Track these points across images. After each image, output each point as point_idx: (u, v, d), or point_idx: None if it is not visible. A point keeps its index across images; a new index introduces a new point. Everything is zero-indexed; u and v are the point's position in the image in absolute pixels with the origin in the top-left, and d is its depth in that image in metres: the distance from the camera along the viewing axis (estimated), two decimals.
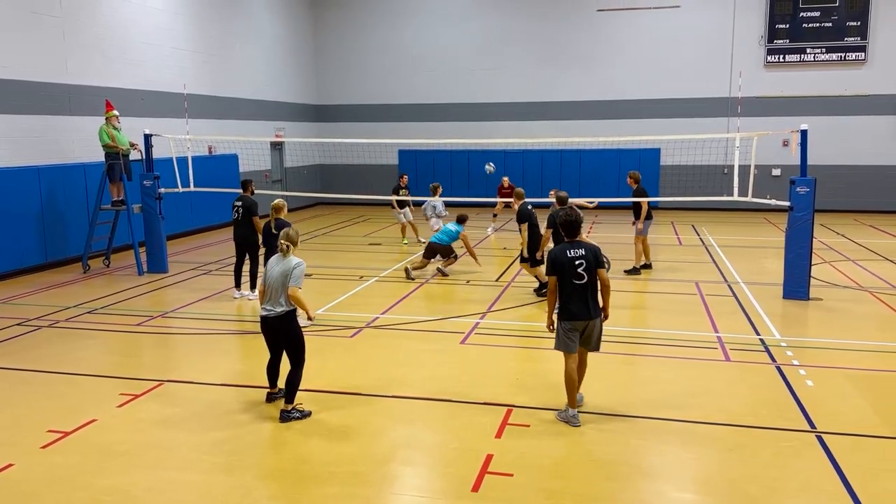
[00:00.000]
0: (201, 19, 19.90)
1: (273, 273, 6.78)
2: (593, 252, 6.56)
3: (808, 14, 22.59)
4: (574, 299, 6.48)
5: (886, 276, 13.01)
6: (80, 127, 15.29)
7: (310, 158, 26.14)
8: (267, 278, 6.83)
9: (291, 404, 6.81)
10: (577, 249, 6.53)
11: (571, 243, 6.60)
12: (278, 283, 6.71)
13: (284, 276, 6.69)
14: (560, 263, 6.49)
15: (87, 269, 14.02)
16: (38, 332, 9.91)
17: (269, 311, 6.77)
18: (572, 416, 6.62)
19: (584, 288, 6.47)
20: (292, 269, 6.72)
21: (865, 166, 22.74)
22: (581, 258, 6.47)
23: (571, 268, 6.46)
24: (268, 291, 6.81)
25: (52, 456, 6.09)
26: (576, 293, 6.48)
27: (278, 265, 6.80)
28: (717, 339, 9.34)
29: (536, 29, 24.67)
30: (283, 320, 6.76)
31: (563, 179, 24.09)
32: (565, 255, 6.50)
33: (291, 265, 6.75)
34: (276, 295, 6.73)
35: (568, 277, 6.47)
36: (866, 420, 6.71)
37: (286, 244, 6.88)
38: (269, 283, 6.79)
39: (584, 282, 6.46)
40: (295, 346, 6.85)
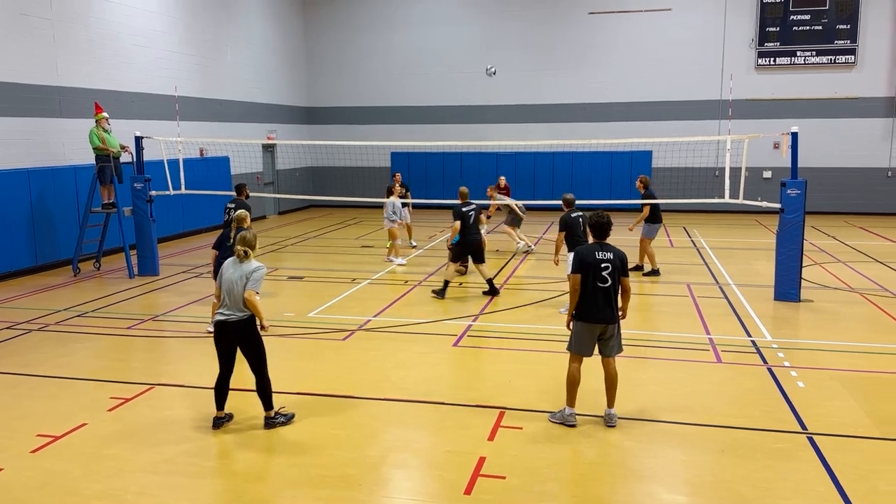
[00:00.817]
0: (192, 22, 19.85)
1: (231, 277, 6.48)
2: (621, 258, 6.55)
3: (798, 17, 22.72)
4: (595, 301, 6.44)
5: (877, 278, 13.08)
6: (71, 129, 15.22)
7: (301, 161, 26.10)
8: (223, 283, 6.53)
9: (273, 409, 6.68)
10: (607, 252, 6.50)
11: (601, 245, 6.57)
12: (236, 287, 6.44)
13: (243, 279, 6.43)
14: (587, 264, 6.45)
15: (77, 272, 13.95)
16: (27, 335, 9.85)
17: (227, 315, 6.47)
18: (569, 415, 6.59)
19: (606, 291, 6.44)
20: (251, 273, 6.45)
21: (856, 168, 22.87)
22: (608, 262, 6.45)
23: (597, 269, 6.43)
24: (224, 296, 6.52)
25: (42, 460, 6.05)
26: (598, 295, 6.44)
27: (235, 269, 6.51)
28: (709, 340, 9.37)
29: (528, 31, 24.72)
30: (243, 326, 6.48)
31: (555, 182, 24.15)
32: (594, 256, 6.47)
33: (251, 268, 6.48)
34: (235, 300, 6.45)
35: (592, 279, 6.42)
36: (857, 421, 6.74)
37: (243, 249, 6.55)
38: (226, 288, 6.49)
39: (608, 285, 6.43)
40: (256, 354, 6.58)
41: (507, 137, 23.55)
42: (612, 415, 6.64)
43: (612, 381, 6.66)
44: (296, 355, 8.94)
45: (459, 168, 24.82)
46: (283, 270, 14.39)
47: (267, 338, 9.41)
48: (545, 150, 24.19)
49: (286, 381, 7.89)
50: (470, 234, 11.70)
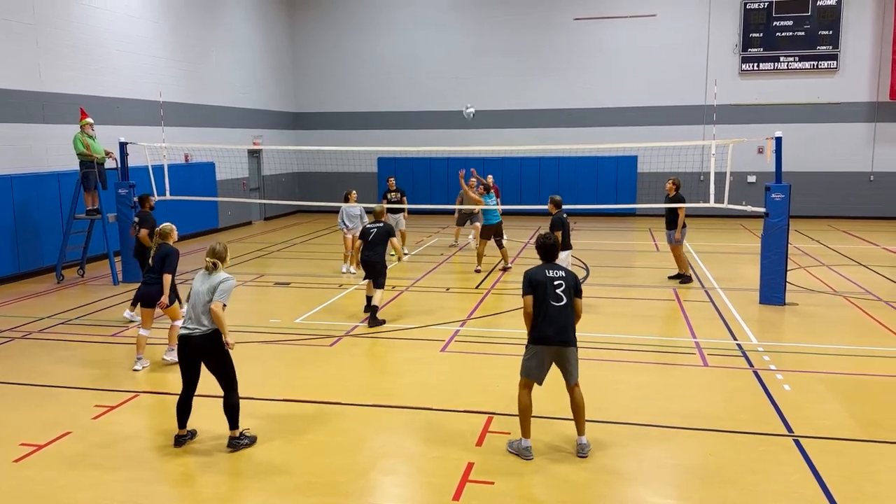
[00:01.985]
0: (178, 27, 19.77)
1: (199, 289, 6.28)
2: (574, 277, 6.26)
3: (781, 23, 22.95)
4: (551, 322, 6.03)
5: (860, 281, 13.19)
6: (54, 135, 15.09)
7: (288, 166, 26.02)
8: (191, 295, 6.31)
9: (238, 429, 6.32)
10: (557, 271, 6.20)
11: (550, 265, 6.26)
12: (204, 300, 6.20)
13: (209, 292, 6.20)
14: (538, 283, 6.09)
15: (61, 279, 13.82)
16: (10, 343, 9.74)
17: (191, 329, 6.18)
18: (525, 448, 6.08)
19: (562, 310, 6.07)
20: (218, 284, 6.23)
21: (838, 172, 23.10)
22: (561, 279, 6.12)
23: (551, 287, 6.07)
24: (188, 309, 6.28)
25: (25, 470, 5.98)
26: (554, 315, 6.05)
27: (204, 282, 6.30)
28: (695, 344, 9.41)
29: (514, 37, 24.80)
30: (208, 340, 6.17)
31: (541, 187, 24.20)
32: (544, 275, 6.13)
33: (218, 279, 6.26)
34: (198, 313, 6.20)
35: (546, 298, 6.05)
36: (842, 424, 6.78)
37: (212, 261, 6.35)
38: (191, 301, 6.26)
39: (563, 304, 6.06)
40: (224, 369, 6.28)
41: (493, 143, 23.59)
42: (583, 445, 6.15)
43: (578, 408, 6.19)
44: (282, 362, 8.90)
45: (446, 173, 24.82)
46: (270, 276, 14.33)
47: (253, 344, 9.41)
48: (531, 155, 24.26)
49: (273, 387, 7.85)
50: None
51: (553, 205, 11.39)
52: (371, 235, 10.61)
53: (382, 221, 10.88)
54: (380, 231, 10.61)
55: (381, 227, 10.67)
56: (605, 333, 9.97)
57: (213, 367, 6.29)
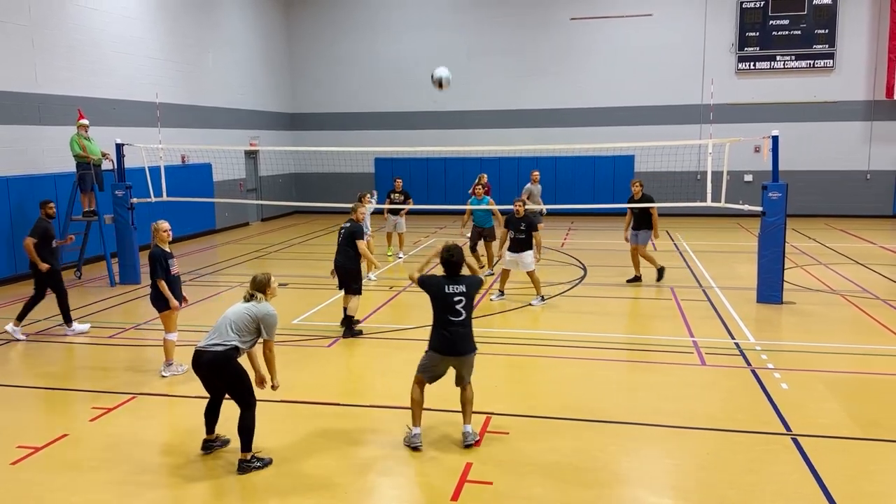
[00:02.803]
0: (174, 28, 19.74)
1: (235, 308, 6.01)
2: (473, 286, 6.29)
3: (777, 22, 22.97)
4: (449, 334, 6.16)
5: (857, 280, 13.21)
6: (51, 137, 15.06)
7: (285, 167, 26.00)
8: (225, 314, 6.04)
9: (250, 452, 5.94)
10: (457, 286, 6.20)
11: (453, 279, 6.26)
12: (236, 317, 5.93)
13: (249, 315, 5.93)
14: (437, 298, 6.21)
15: None
16: (7, 345, 9.71)
17: (203, 345, 5.89)
18: (413, 437, 6.24)
19: (460, 325, 6.17)
20: (264, 316, 5.93)
21: (835, 171, 23.13)
22: (461, 295, 6.16)
23: (451, 302, 6.15)
24: (215, 325, 5.99)
25: (22, 472, 5.96)
26: (451, 328, 6.16)
27: (243, 304, 6.05)
28: (693, 343, 9.41)
29: (511, 37, 24.80)
30: (219, 358, 5.82)
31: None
32: (443, 291, 6.19)
33: (265, 310, 5.97)
34: (227, 331, 5.88)
35: (445, 313, 6.16)
36: (841, 422, 6.78)
37: (251, 293, 6.06)
38: (223, 316, 6.01)
39: (462, 318, 6.16)
40: (237, 387, 5.91)
41: (490, 143, 23.58)
42: (468, 433, 6.29)
43: (467, 402, 6.40)
44: (280, 362, 8.78)
45: (443, 173, 24.83)
46: None
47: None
48: (528, 154, 24.24)
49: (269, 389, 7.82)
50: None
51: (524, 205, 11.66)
52: (339, 237, 9.87)
53: (351, 220, 9.90)
54: (347, 232, 9.72)
55: (348, 228, 9.75)
56: (602, 333, 9.97)
57: (224, 385, 5.98)
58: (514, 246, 11.55)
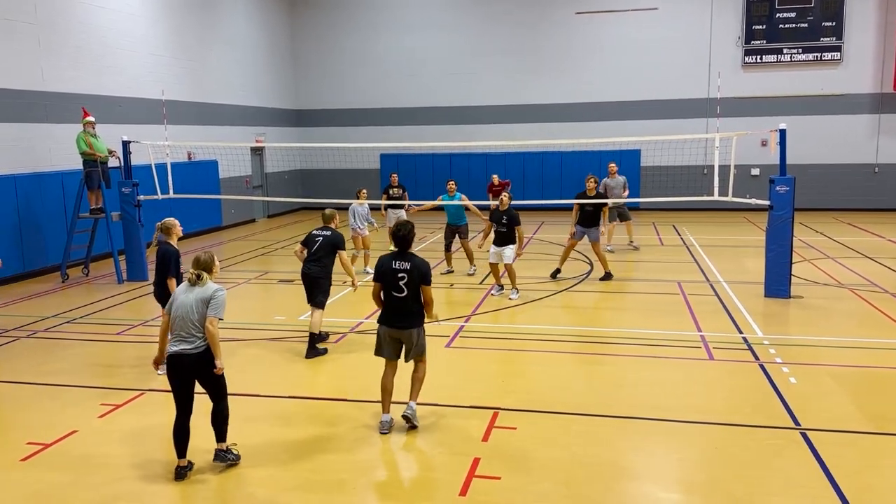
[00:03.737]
0: (179, 25, 19.76)
1: (185, 301, 5.70)
2: (419, 268, 6.42)
3: (784, 15, 22.85)
4: (392, 309, 6.49)
5: (866, 273, 13.14)
6: (57, 135, 15.10)
7: (291, 163, 26.03)
8: (175, 308, 5.73)
9: (226, 442, 5.91)
10: (404, 262, 6.42)
11: (402, 255, 6.48)
12: (193, 313, 5.64)
13: (202, 303, 5.66)
14: (383, 273, 6.47)
15: (65, 279, 13.85)
16: (16, 342, 9.76)
17: (182, 348, 5.64)
18: (382, 422, 6.53)
19: (402, 301, 6.42)
20: (211, 297, 5.67)
21: (843, 164, 23.03)
22: (404, 272, 6.38)
23: (394, 279, 6.40)
24: (176, 325, 5.70)
25: (31, 469, 5.98)
26: (395, 304, 6.46)
27: (190, 292, 5.74)
28: (701, 338, 9.38)
29: (515, 32, 24.75)
30: (202, 358, 5.67)
31: (544, 182, 24.19)
32: (390, 266, 6.44)
33: (209, 291, 5.71)
34: (190, 328, 5.65)
35: (389, 288, 6.45)
36: (850, 416, 6.76)
37: (196, 273, 5.79)
38: (179, 315, 5.68)
39: (403, 295, 6.40)
40: (217, 384, 5.81)
41: (495, 138, 23.55)
42: (411, 410, 6.57)
43: (415, 380, 6.67)
44: (287, 359, 8.89)
45: (449, 169, 24.78)
46: (274, 274, 14.33)
47: (258, 342, 9.41)
48: (534, 150, 24.22)
49: (277, 384, 7.86)
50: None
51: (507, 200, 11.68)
52: (316, 245, 8.95)
53: (331, 229, 9.14)
54: (326, 240, 8.93)
55: (329, 237, 8.97)
56: (610, 328, 9.96)
57: (205, 383, 5.80)
58: (497, 239, 11.67)
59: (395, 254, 6.54)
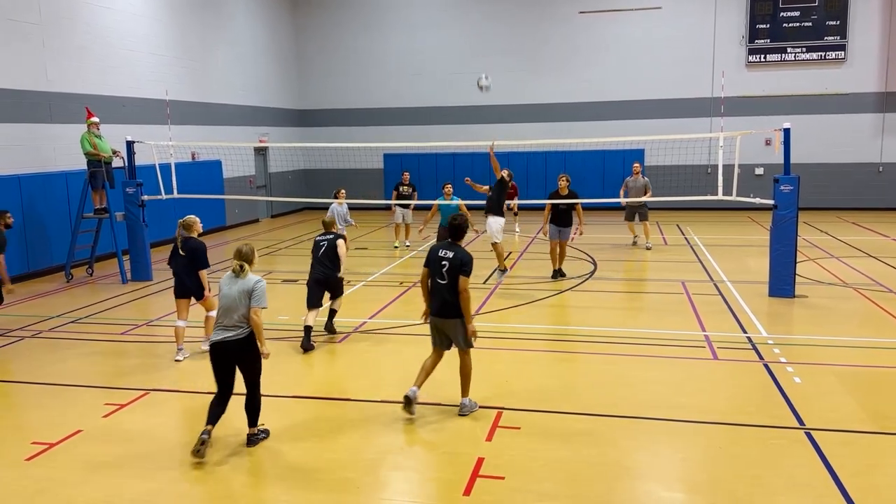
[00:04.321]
0: (183, 25, 19.79)
1: (230, 293, 6.17)
2: (460, 259, 6.67)
3: (787, 14, 22.81)
4: (434, 296, 6.84)
5: (870, 273, 13.11)
6: (62, 135, 15.14)
7: (294, 163, 26.05)
8: (220, 299, 6.24)
9: (256, 427, 6.39)
10: (448, 252, 6.75)
11: (448, 245, 6.84)
12: (237, 304, 6.13)
13: (245, 295, 6.14)
14: (430, 260, 6.85)
15: (69, 279, 13.88)
16: (20, 342, 9.78)
17: (226, 335, 6.13)
18: (409, 393, 6.84)
19: (442, 288, 6.72)
20: (252, 288, 6.16)
21: (847, 164, 22.97)
22: (447, 260, 6.71)
23: (438, 267, 6.75)
24: (221, 314, 6.19)
25: (36, 468, 6.00)
26: (436, 291, 6.80)
27: (233, 284, 6.22)
28: (705, 337, 9.37)
29: (519, 32, 24.74)
30: (244, 344, 6.15)
31: (548, 181, 24.11)
32: (436, 254, 6.82)
33: (251, 283, 6.19)
34: (235, 317, 6.12)
35: (433, 275, 6.81)
36: (854, 416, 6.74)
37: (239, 264, 6.26)
38: (224, 305, 6.18)
39: (445, 283, 6.70)
40: (253, 370, 6.28)
41: (499, 137, 23.48)
42: (463, 404, 6.94)
43: (462, 374, 6.97)
44: (291, 358, 8.90)
45: (452, 168, 24.78)
46: (278, 274, 14.34)
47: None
48: (537, 149, 24.20)
49: (282, 384, 7.86)
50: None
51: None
52: (321, 250, 9.59)
53: (333, 233, 9.82)
54: (331, 244, 9.60)
55: (332, 240, 9.65)
56: (614, 327, 9.95)
57: (245, 368, 6.26)
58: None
59: (445, 243, 6.89)
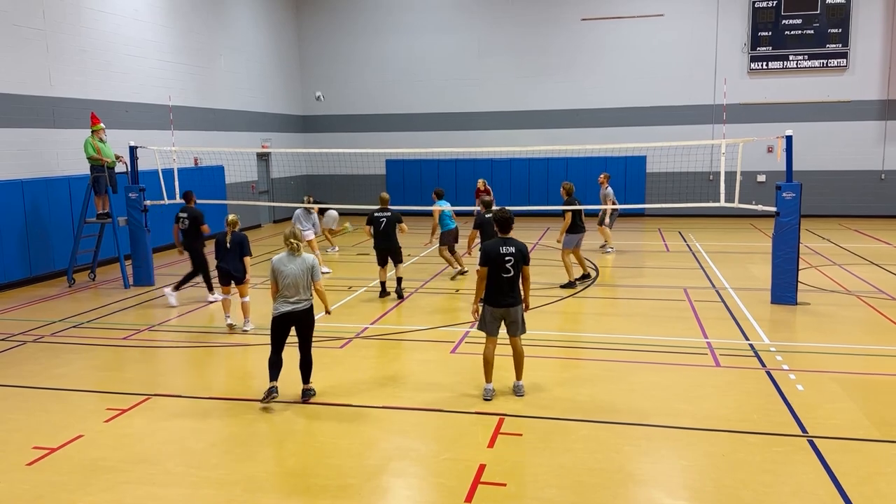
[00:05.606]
0: (186, 31, 19.85)
1: (293, 271, 7.26)
2: (521, 251, 7.32)
3: (790, 21, 22.84)
4: (500, 289, 7.28)
5: (872, 280, 13.10)
6: (65, 140, 15.18)
7: (296, 169, 26.08)
8: (285, 276, 7.25)
9: (309, 383, 7.58)
10: (509, 247, 7.27)
11: (504, 240, 7.34)
12: (302, 279, 7.28)
13: (306, 271, 7.29)
14: (491, 259, 7.23)
15: (72, 283, 13.89)
16: (22, 347, 9.79)
17: (295, 305, 7.30)
18: (486, 391, 7.43)
19: (510, 281, 7.26)
20: (312, 266, 7.35)
21: (849, 171, 22.97)
22: (510, 255, 7.23)
23: (501, 262, 7.19)
24: (289, 287, 7.27)
25: (37, 473, 5.99)
26: (503, 283, 7.26)
27: (294, 262, 7.29)
28: (707, 344, 9.36)
29: (521, 38, 24.79)
30: (309, 311, 7.40)
31: (549, 188, 24.18)
32: (497, 251, 7.23)
33: (310, 262, 7.35)
34: (302, 290, 7.31)
35: (497, 270, 7.21)
36: (857, 423, 6.72)
37: (297, 243, 7.37)
38: (291, 281, 7.25)
39: (511, 275, 7.25)
40: (309, 333, 7.50)
41: (501, 144, 23.59)
42: (519, 386, 7.57)
43: (518, 358, 7.59)
44: (293, 364, 8.88)
45: (454, 175, 24.84)
46: None
47: (265, 347, 9.40)
48: (539, 155, 24.22)
49: (283, 389, 7.84)
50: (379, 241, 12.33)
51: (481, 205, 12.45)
52: (382, 224, 12.16)
53: (390, 210, 12.24)
54: (390, 220, 12.16)
55: (391, 216, 12.17)
56: (616, 334, 9.94)
57: (304, 333, 7.45)
58: None
59: (499, 240, 7.34)
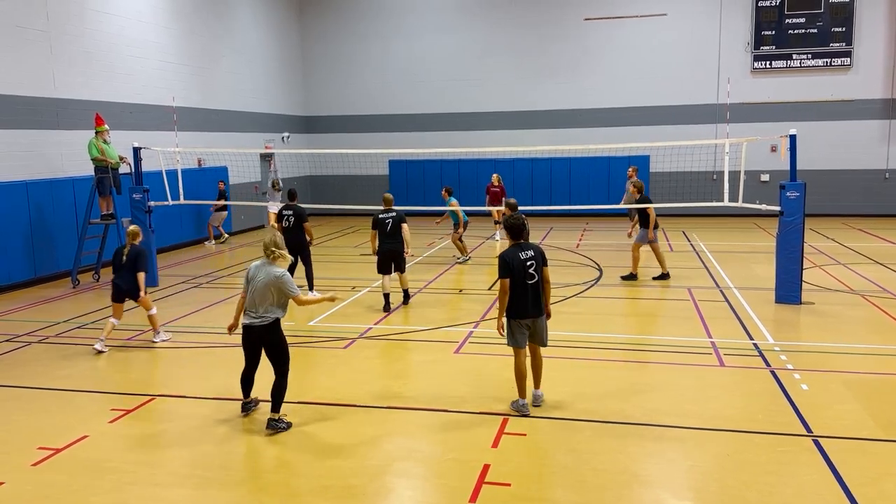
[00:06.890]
0: (189, 32, 19.87)
1: (260, 281, 6.67)
2: (540, 252, 7.04)
3: (793, 20, 22.80)
4: (526, 298, 6.89)
5: (877, 279, 13.07)
6: (69, 141, 15.20)
7: (300, 170, 26.09)
8: (251, 286, 6.72)
9: (279, 413, 6.75)
10: (528, 251, 6.95)
11: (520, 245, 6.99)
12: (265, 292, 6.63)
13: (272, 286, 6.62)
14: (513, 268, 6.85)
15: (76, 284, 13.91)
16: (27, 347, 9.81)
17: (252, 320, 6.70)
18: (522, 406, 7.02)
19: (535, 287, 6.91)
20: (281, 281, 6.63)
21: (853, 170, 22.91)
22: (531, 259, 6.91)
23: (524, 269, 6.84)
24: (250, 299, 6.72)
25: (42, 473, 6.00)
26: (528, 292, 6.88)
27: (260, 273, 6.71)
28: (711, 344, 9.34)
29: (525, 38, 24.78)
30: (269, 329, 6.70)
31: (553, 188, 24.18)
32: (518, 258, 6.87)
33: (276, 275, 6.64)
34: (263, 303, 6.65)
35: (521, 278, 6.84)
36: (862, 423, 6.71)
37: (277, 252, 6.77)
38: (254, 292, 6.69)
39: (535, 281, 6.90)
40: (280, 356, 6.79)
41: (504, 144, 23.57)
42: (538, 395, 7.24)
43: (537, 366, 7.25)
44: (297, 364, 8.84)
45: (458, 175, 24.82)
46: None
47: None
48: (543, 155, 24.20)
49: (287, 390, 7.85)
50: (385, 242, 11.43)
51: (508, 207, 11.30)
52: (388, 226, 11.23)
53: (394, 210, 11.37)
54: (395, 220, 11.24)
55: (396, 217, 11.26)
56: (619, 334, 9.93)
57: (270, 353, 6.78)
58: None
59: (516, 246, 6.99)
